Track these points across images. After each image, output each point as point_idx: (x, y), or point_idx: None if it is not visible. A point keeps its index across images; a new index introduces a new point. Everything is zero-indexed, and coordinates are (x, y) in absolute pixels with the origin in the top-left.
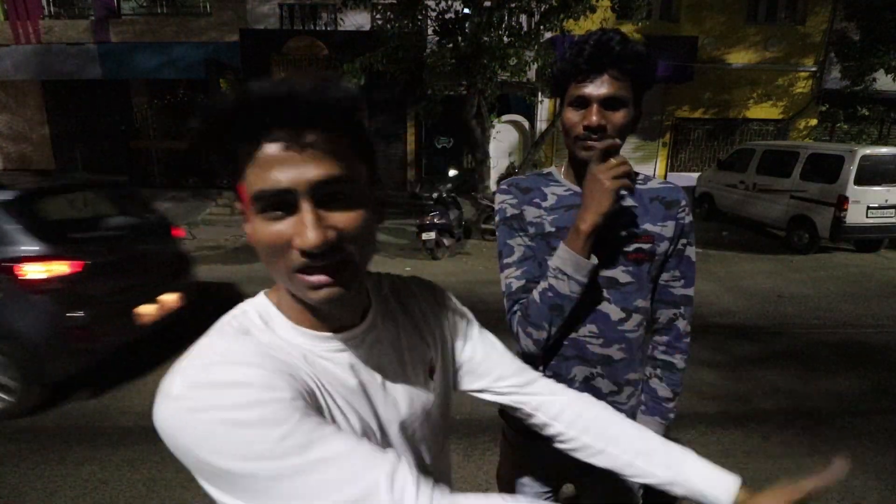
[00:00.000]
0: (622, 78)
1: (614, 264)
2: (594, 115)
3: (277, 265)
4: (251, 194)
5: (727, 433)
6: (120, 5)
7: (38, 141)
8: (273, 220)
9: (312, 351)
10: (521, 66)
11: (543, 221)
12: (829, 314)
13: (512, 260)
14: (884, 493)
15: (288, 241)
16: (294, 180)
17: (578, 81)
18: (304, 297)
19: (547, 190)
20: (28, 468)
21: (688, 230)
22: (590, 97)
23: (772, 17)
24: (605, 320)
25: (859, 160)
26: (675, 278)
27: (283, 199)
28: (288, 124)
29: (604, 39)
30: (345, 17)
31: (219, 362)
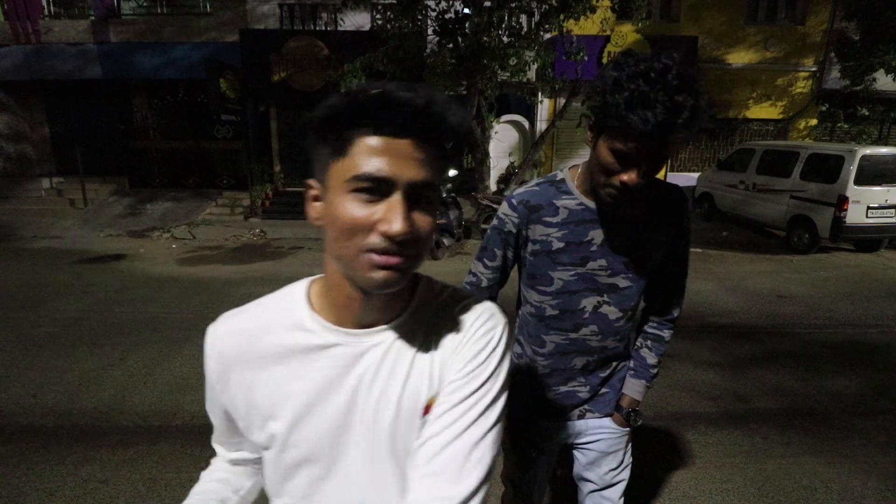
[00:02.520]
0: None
1: (616, 273)
2: (634, 174)
3: (351, 242)
4: (353, 174)
5: (727, 433)
6: (120, 5)
7: (38, 141)
8: (363, 202)
9: (318, 337)
10: (521, 66)
11: (551, 239)
12: (829, 314)
13: (491, 264)
14: (884, 493)
15: (374, 222)
16: (397, 173)
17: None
18: (361, 276)
19: (559, 203)
20: (28, 468)
21: (686, 230)
22: (640, 158)
23: (772, 17)
24: (604, 320)
25: (859, 160)
26: (673, 273)
27: (380, 185)
28: (414, 130)
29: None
30: (345, 17)
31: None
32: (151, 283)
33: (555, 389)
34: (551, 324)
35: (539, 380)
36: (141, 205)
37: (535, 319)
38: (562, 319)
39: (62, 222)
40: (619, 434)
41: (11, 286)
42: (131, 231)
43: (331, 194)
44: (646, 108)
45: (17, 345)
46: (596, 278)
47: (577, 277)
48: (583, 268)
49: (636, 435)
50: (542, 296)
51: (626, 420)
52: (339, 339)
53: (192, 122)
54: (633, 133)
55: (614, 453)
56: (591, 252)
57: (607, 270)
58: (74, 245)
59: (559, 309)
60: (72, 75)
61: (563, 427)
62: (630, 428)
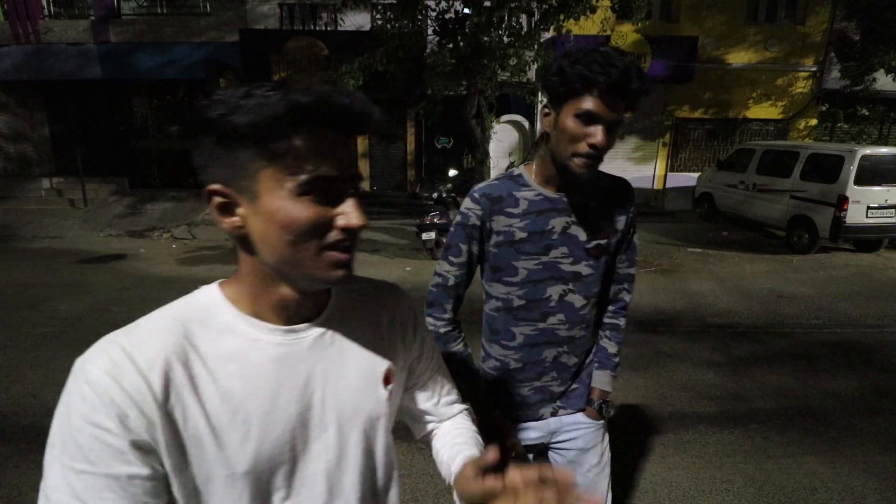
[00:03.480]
0: (625, 105)
1: (578, 261)
2: (602, 135)
3: (309, 244)
4: (302, 178)
5: (727, 433)
6: (120, 5)
7: (38, 141)
8: (313, 203)
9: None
10: (521, 66)
11: (514, 229)
12: (829, 314)
13: (457, 261)
14: (884, 493)
15: (330, 220)
16: (343, 170)
17: (595, 97)
18: (320, 275)
19: (519, 195)
20: (28, 468)
21: (633, 220)
22: (602, 118)
23: (772, 17)
24: (570, 308)
25: (859, 160)
26: (621, 261)
27: (331, 184)
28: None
29: (631, 70)
30: (345, 18)
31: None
32: (151, 283)
33: (528, 385)
34: (519, 315)
35: (511, 376)
36: (141, 205)
37: (502, 313)
38: (529, 309)
39: (62, 222)
40: (595, 428)
41: (11, 286)
42: (131, 231)
43: (267, 200)
44: (607, 66)
45: (17, 345)
46: (559, 266)
47: (541, 266)
48: (546, 256)
49: (637, 435)
50: (509, 287)
51: (598, 412)
52: (279, 338)
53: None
54: (598, 88)
55: (593, 449)
56: (552, 240)
57: (569, 258)
58: (74, 245)
59: (526, 299)
60: (72, 75)
61: (536, 428)
62: (603, 420)
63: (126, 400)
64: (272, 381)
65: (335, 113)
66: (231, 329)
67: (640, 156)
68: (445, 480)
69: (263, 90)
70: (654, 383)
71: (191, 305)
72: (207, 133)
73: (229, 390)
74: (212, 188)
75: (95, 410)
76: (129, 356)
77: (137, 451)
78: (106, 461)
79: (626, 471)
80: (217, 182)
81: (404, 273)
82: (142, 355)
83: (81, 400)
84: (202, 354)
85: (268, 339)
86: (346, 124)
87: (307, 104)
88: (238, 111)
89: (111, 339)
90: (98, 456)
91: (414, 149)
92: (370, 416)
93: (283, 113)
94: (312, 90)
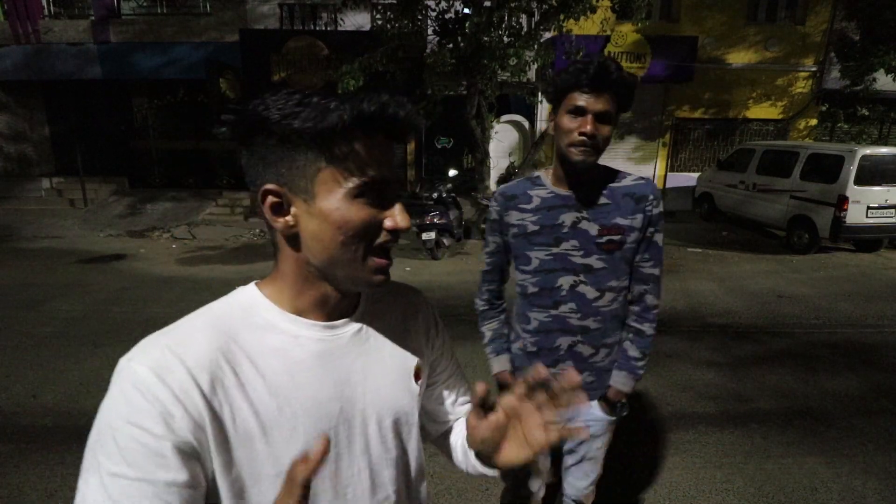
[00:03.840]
0: (612, 99)
1: (589, 254)
2: (590, 124)
3: (360, 244)
4: (362, 180)
5: (727, 433)
6: (120, 5)
7: (38, 141)
8: (367, 205)
9: (298, 335)
10: (521, 66)
11: (527, 223)
12: (829, 314)
13: (489, 250)
14: (884, 493)
15: (379, 222)
16: (392, 174)
17: (579, 92)
18: (363, 278)
19: (532, 193)
20: (28, 468)
21: (655, 220)
22: (587, 109)
23: (772, 17)
24: (581, 299)
25: (859, 160)
26: (644, 260)
27: (384, 187)
28: (400, 132)
29: (606, 65)
30: (345, 17)
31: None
32: (151, 283)
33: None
34: (533, 301)
35: (528, 359)
36: (141, 205)
37: (520, 298)
38: (541, 296)
39: (62, 222)
40: (606, 422)
41: (11, 286)
42: (131, 231)
43: (323, 200)
44: (587, 66)
45: (17, 345)
46: (569, 258)
47: (552, 257)
48: (556, 248)
49: (637, 435)
50: (524, 274)
51: (612, 410)
52: (320, 333)
53: (192, 122)
54: (581, 84)
55: (599, 437)
56: (563, 234)
57: (580, 251)
58: (74, 245)
59: (539, 286)
60: (72, 75)
61: None
62: (616, 417)
63: (172, 399)
64: (316, 376)
65: (391, 121)
66: (273, 326)
67: (640, 156)
68: (464, 467)
69: (317, 99)
70: (654, 383)
71: (231, 305)
72: (264, 134)
73: (277, 385)
74: (267, 188)
75: (138, 411)
76: (176, 355)
77: (179, 455)
78: (144, 465)
79: (627, 471)
80: (271, 182)
81: (404, 273)
82: (189, 354)
83: (125, 401)
84: (247, 351)
85: (309, 334)
86: (397, 131)
87: (372, 113)
88: (298, 116)
89: (154, 340)
90: (136, 459)
91: (414, 149)
92: (405, 410)
93: (350, 120)
94: (374, 98)
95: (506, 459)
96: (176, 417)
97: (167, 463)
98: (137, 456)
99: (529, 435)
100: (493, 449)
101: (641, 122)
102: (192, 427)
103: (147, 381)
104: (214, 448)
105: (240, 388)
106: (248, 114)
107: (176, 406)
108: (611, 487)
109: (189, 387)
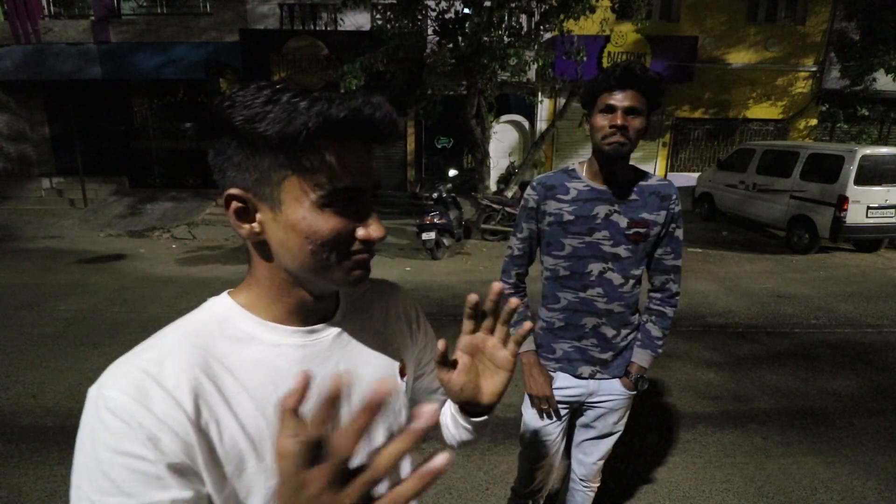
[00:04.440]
0: (640, 95)
1: (618, 244)
2: (619, 118)
3: (332, 253)
4: (329, 189)
5: (727, 433)
6: (120, 5)
7: (38, 141)
8: (336, 214)
9: (279, 344)
10: (521, 66)
11: (563, 212)
12: (829, 314)
13: (520, 236)
14: (884, 493)
15: (351, 231)
16: (366, 182)
17: (608, 92)
18: (341, 279)
19: (569, 185)
20: (28, 468)
21: (676, 217)
22: (616, 105)
23: (772, 17)
24: (609, 285)
25: (859, 160)
26: (666, 253)
27: (355, 196)
28: (375, 136)
29: (631, 66)
30: (345, 17)
31: (135, 375)
32: (151, 283)
33: (569, 342)
34: (564, 283)
35: (556, 333)
36: (141, 205)
37: (550, 281)
38: (572, 279)
39: (62, 222)
40: (626, 396)
41: (11, 286)
42: (131, 231)
43: (289, 209)
44: (614, 67)
45: (17, 345)
46: (600, 247)
47: (584, 245)
48: (589, 237)
49: (637, 435)
50: (557, 259)
51: (634, 384)
52: (301, 339)
53: (192, 123)
54: (610, 85)
55: (617, 411)
56: (596, 224)
57: (610, 241)
58: (74, 245)
59: (570, 270)
60: (72, 75)
61: (577, 386)
62: (636, 392)
63: (156, 423)
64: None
65: (365, 125)
66: (252, 337)
67: (641, 156)
68: (458, 437)
69: (287, 97)
70: (654, 383)
71: (205, 318)
72: (230, 136)
73: (261, 398)
74: (231, 192)
75: (124, 438)
76: (152, 377)
77: (176, 475)
78: (143, 490)
79: (627, 470)
80: (236, 187)
81: (404, 273)
82: (165, 374)
83: (107, 431)
84: (228, 366)
85: (291, 342)
86: (372, 136)
87: (342, 119)
88: (264, 119)
89: (126, 362)
90: (133, 487)
91: (414, 149)
92: (392, 409)
93: (316, 127)
94: (345, 102)
95: (489, 392)
96: (163, 441)
97: (166, 483)
98: (134, 484)
99: (495, 359)
100: (475, 391)
101: None
102: (181, 447)
103: (127, 408)
104: (205, 467)
105: (224, 404)
106: (212, 113)
107: (162, 429)
108: (611, 487)
109: (171, 409)
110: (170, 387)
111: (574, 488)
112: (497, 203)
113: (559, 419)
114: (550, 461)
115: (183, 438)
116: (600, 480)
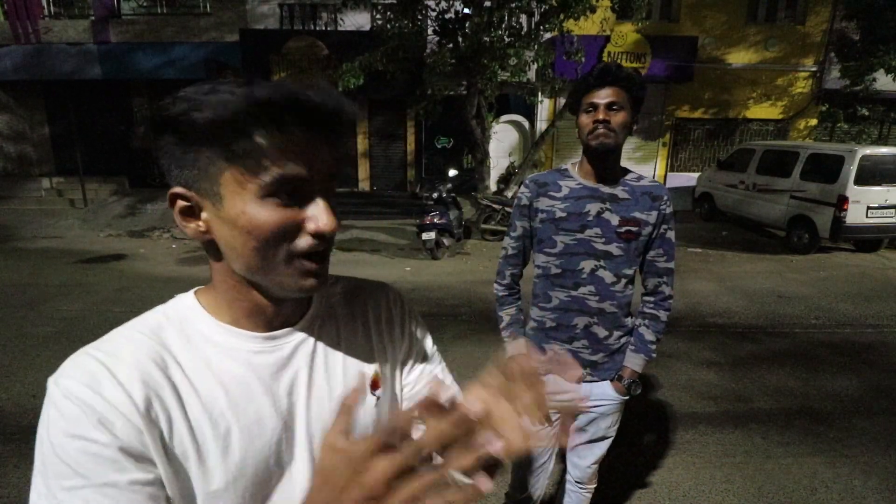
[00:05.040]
0: (620, 90)
1: (609, 242)
2: (601, 113)
3: (277, 250)
4: (267, 180)
5: (727, 433)
6: (120, 5)
7: (38, 141)
8: (280, 206)
9: (233, 348)
10: (521, 66)
11: (555, 209)
12: (829, 314)
13: (514, 234)
14: (884, 493)
15: (299, 224)
16: (312, 171)
17: (589, 92)
18: (290, 283)
19: (562, 183)
20: (28, 468)
21: (668, 218)
22: (598, 102)
23: (772, 17)
24: (600, 283)
25: (859, 160)
26: (659, 255)
27: (299, 186)
28: (320, 123)
29: (607, 65)
30: (345, 17)
31: (90, 365)
32: (151, 283)
33: (559, 344)
34: (555, 281)
35: (547, 334)
36: (141, 205)
37: (542, 279)
38: (564, 277)
39: (62, 222)
40: (618, 401)
41: (11, 286)
42: (131, 231)
43: (230, 203)
44: (592, 69)
45: (17, 345)
46: (592, 244)
47: (576, 242)
48: (581, 234)
49: (637, 435)
50: (549, 257)
51: (626, 389)
52: (258, 345)
53: None
54: (590, 85)
55: (609, 416)
56: (587, 221)
57: (602, 238)
58: (74, 245)
59: (562, 268)
60: (72, 75)
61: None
62: (629, 396)
63: (110, 409)
64: (252, 391)
65: (303, 110)
66: (207, 338)
67: (641, 156)
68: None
69: (230, 86)
70: (654, 383)
71: (166, 314)
72: (168, 132)
73: (209, 401)
74: (175, 191)
75: (77, 423)
76: (106, 367)
77: (130, 458)
78: (100, 471)
79: (627, 470)
80: (180, 184)
81: (404, 273)
82: (119, 367)
83: (61, 416)
84: (182, 365)
85: (246, 346)
86: (317, 123)
87: (267, 100)
88: (200, 108)
89: (84, 353)
90: (89, 468)
91: (414, 149)
92: (359, 423)
93: (243, 110)
94: (279, 86)
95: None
96: (117, 426)
97: (122, 466)
98: (90, 465)
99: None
100: None
101: (641, 122)
102: (135, 434)
103: (80, 394)
104: (157, 457)
105: (177, 402)
106: (155, 109)
107: (116, 416)
108: (610, 487)
109: (123, 400)
110: (122, 378)
111: (570, 489)
112: (497, 203)
113: (550, 424)
114: (543, 466)
115: (136, 426)
116: (597, 482)
